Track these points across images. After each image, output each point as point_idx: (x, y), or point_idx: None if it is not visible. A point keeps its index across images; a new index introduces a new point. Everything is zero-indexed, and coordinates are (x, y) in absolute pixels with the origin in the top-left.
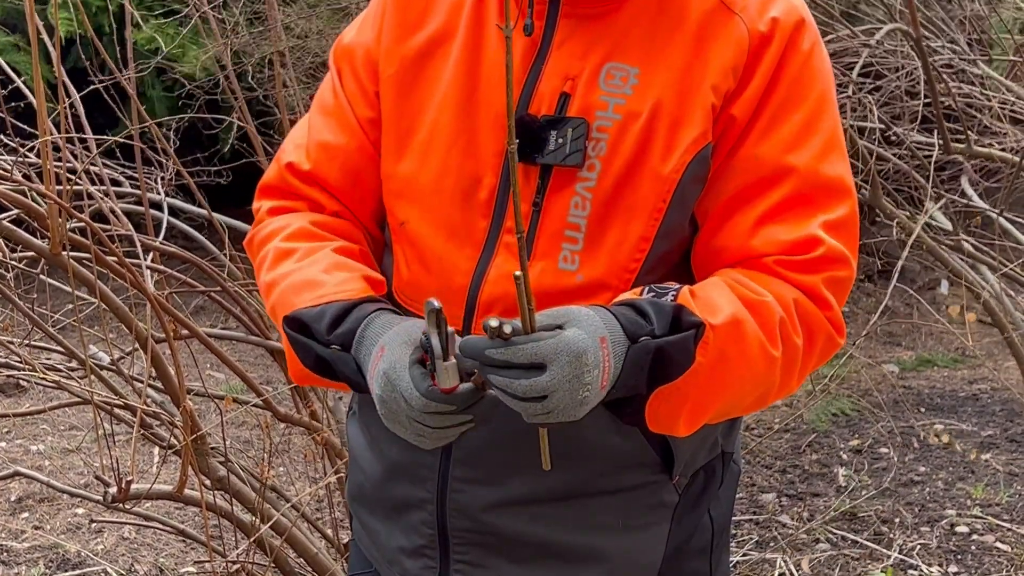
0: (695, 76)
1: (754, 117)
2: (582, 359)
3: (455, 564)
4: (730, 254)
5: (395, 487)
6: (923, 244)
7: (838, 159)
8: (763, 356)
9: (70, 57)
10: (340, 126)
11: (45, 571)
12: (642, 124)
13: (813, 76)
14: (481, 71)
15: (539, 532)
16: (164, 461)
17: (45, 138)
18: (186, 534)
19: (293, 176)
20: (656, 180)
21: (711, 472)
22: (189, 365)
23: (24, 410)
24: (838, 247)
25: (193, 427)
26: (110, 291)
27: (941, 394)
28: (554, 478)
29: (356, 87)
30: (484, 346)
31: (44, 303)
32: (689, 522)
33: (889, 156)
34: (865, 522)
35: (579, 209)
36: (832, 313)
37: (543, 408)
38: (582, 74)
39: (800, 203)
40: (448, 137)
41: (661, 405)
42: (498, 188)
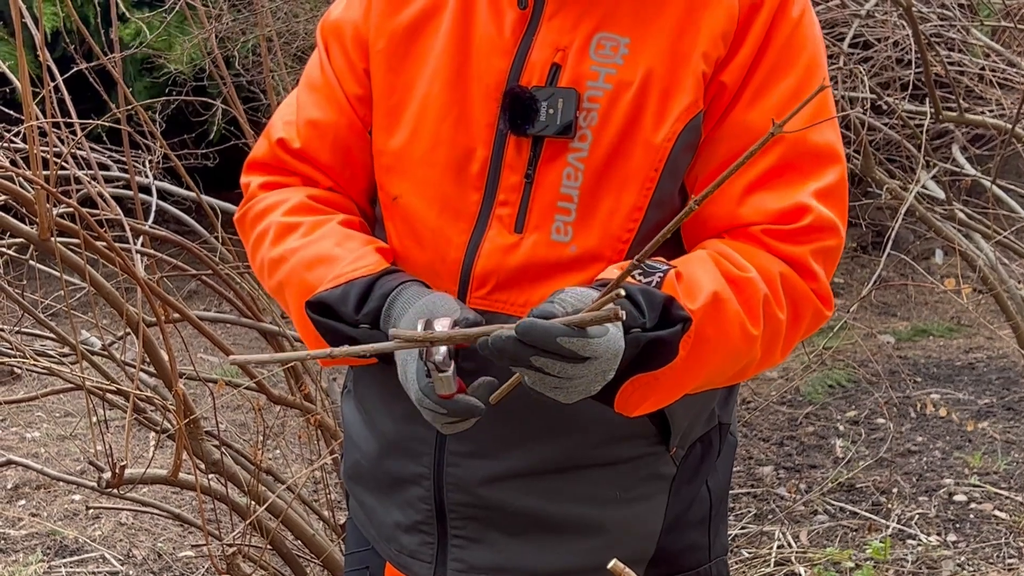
0: (686, 44)
1: (744, 84)
2: (616, 359)
3: (452, 539)
4: (718, 222)
5: (391, 463)
6: (915, 213)
7: (827, 126)
8: (742, 335)
9: (57, 48)
10: (328, 103)
11: (43, 558)
12: (633, 93)
13: (803, 43)
14: (472, 44)
15: (536, 505)
16: (159, 446)
17: (31, 123)
18: (182, 518)
19: (284, 152)
20: (648, 149)
21: (708, 443)
22: (182, 349)
23: (15, 398)
24: (827, 215)
25: (186, 411)
26: (100, 276)
27: (937, 363)
28: (551, 450)
29: (344, 63)
30: (558, 333)
31: (34, 289)
32: (687, 493)
33: (880, 126)
34: (863, 493)
35: (571, 180)
36: (818, 285)
37: (557, 385)
38: (572, 45)
39: (789, 170)
40: (440, 110)
41: (634, 392)
42: (490, 160)
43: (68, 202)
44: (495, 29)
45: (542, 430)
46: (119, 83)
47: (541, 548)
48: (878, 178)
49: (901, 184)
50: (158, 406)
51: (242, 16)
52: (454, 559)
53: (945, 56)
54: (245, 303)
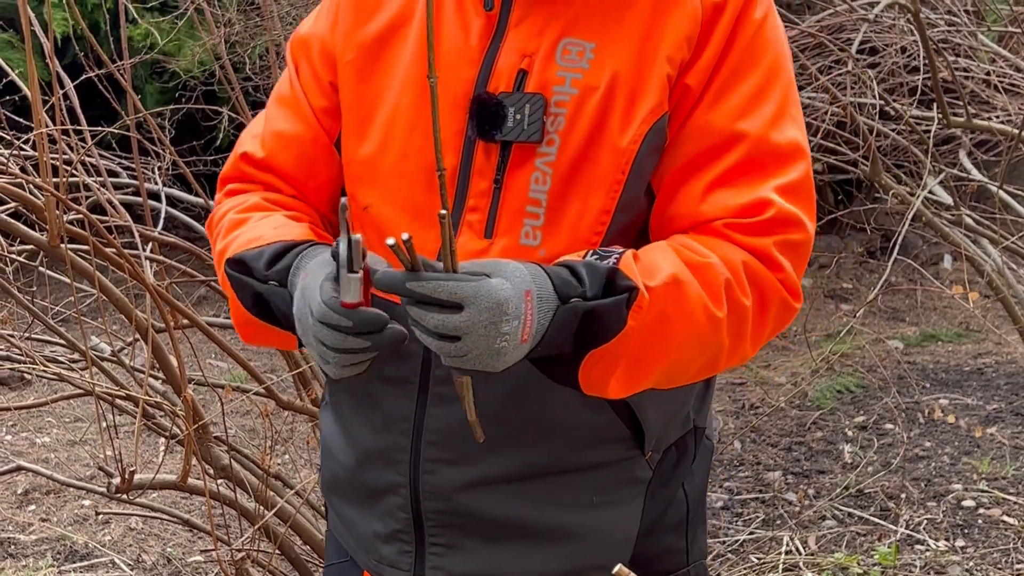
0: (650, 48)
1: (707, 85)
2: (502, 307)
3: (430, 547)
4: (682, 221)
5: (368, 473)
6: (923, 218)
7: (790, 125)
8: (706, 316)
9: (67, 55)
10: (295, 116)
11: (53, 563)
12: (600, 97)
13: (765, 45)
14: (439, 53)
15: (513, 511)
16: (168, 451)
17: (40, 130)
18: (191, 524)
19: (248, 165)
20: (615, 152)
21: (683, 447)
22: (191, 355)
23: (26, 403)
24: (791, 209)
25: (195, 416)
26: (110, 283)
27: (946, 369)
28: (527, 456)
29: (311, 77)
30: (403, 278)
31: (44, 296)
32: (663, 497)
33: (887, 131)
34: (871, 498)
35: (539, 184)
36: (785, 275)
37: (457, 350)
38: (539, 50)
39: (751, 169)
40: (408, 120)
41: (594, 367)
42: (459, 168)
43: (78, 209)
44: (462, 38)
45: (518, 436)
46: (128, 91)
47: (518, 554)
48: (885, 183)
49: (909, 189)
50: (167, 412)
51: (251, 21)
52: (432, 567)
53: (952, 62)
54: None
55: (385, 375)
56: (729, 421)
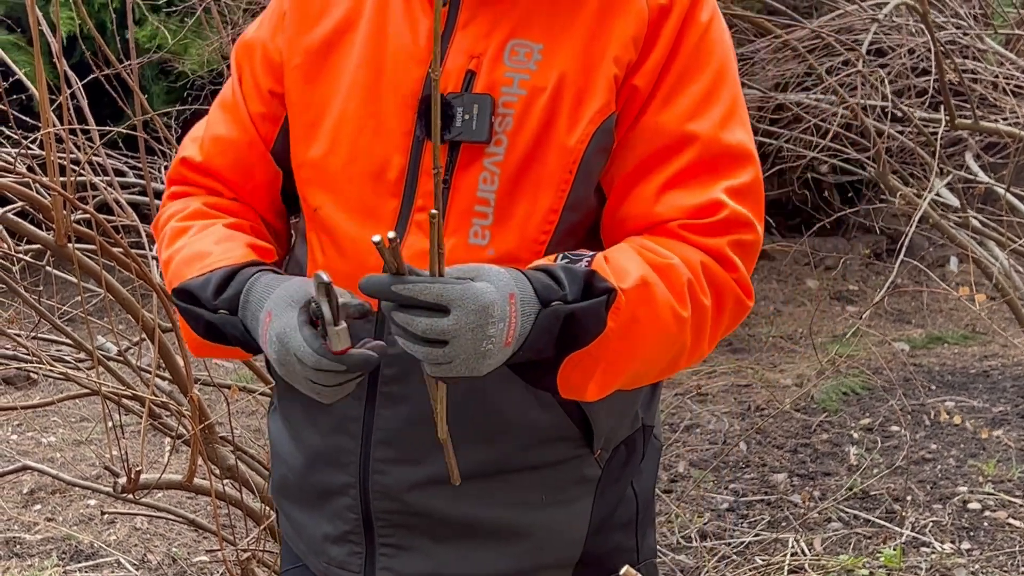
0: (598, 49)
1: (656, 87)
2: (488, 310)
3: (380, 547)
4: (636, 222)
5: (318, 474)
6: (930, 220)
7: (739, 127)
8: (674, 317)
9: (73, 54)
10: (234, 121)
11: (58, 563)
12: (547, 98)
13: (712, 47)
14: (386, 54)
15: (463, 510)
16: (174, 451)
17: (48, 129)
18: (196, 523)
19: (188, 169)
20: (562, 152)
21: (632, 446)
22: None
23: (32, 403)
24: (742, 211)
25: (201, 416)
26: (116, 282)
27: (952, 371)
28: (477, 455)
29: (252, 83)
30: (389, 282)
31: (51, 295)
32: (612, 496)
33: (894, 133)
34: (877, 500)
35: (488, 184)
36: (739, 275)
37: (444, 355)
38: (487, 52)
39: (703, 170)
40: (357, 122)
41: (573, 371)
42: (407, 168)
43: (85, 208)
44: (409, 39)
45: (468, 435)
46: (135, 91)
47: (469, 554)
48: (892, 185)
49: (916, 191)
50: (173, 412)
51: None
52: (382, 568)
53: (959, 64)
54: None
55: None
56: (735, 423)
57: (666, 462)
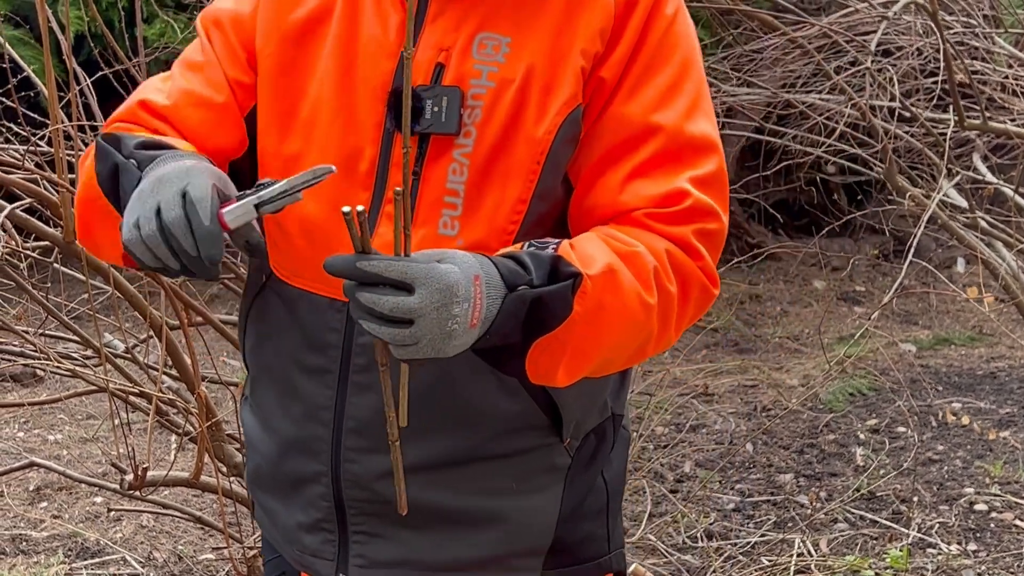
0: (565, 42)
1: (622, 79)
2: (452, 289)
3: (353, 535)
4: (601, 211)
5: (290, 463)
6: (938, 221)
7: (703, 119)
8: (640, 304)
9: (81, 52)
10: (208, 82)
11: (64, 560)
12: (515, 89)
13: (677, 40)
14: (358, 46)
15: (434, 498)
16: (180, 448)
17: (56, 126)
18: (203, 521)
19: (145, 111)
20: (530, 143)
21: (601, 434)
22: (203, 353)
23: (40, 399)
24: (706, 200)
25: (209, 414)
26: (124, 279)
27: (959, 372)
28: (447, 443)
29: (226, 50)
30: (355, 259)
31: (58, 292)
32: (582, 484)
33: (902, 133)
34: (883, 501)
35: (457, 175)
36: (704, 263)
37: (411, 336)
38: (455, 45)
39: (667, 160)
40: (328, 113)
41: (541, 355)
42: (378, 160)
43: None
44: (380, 31)
45: (438, 423)
46: None
47: (441, 541)
48: (900, 186)
49: (924, 192)
50: (180, 409)
51: None
52: (355, 555)
53: (968, 65)
54: None
55: (305, 365)
56: (741, 423)
57: (672, 462)
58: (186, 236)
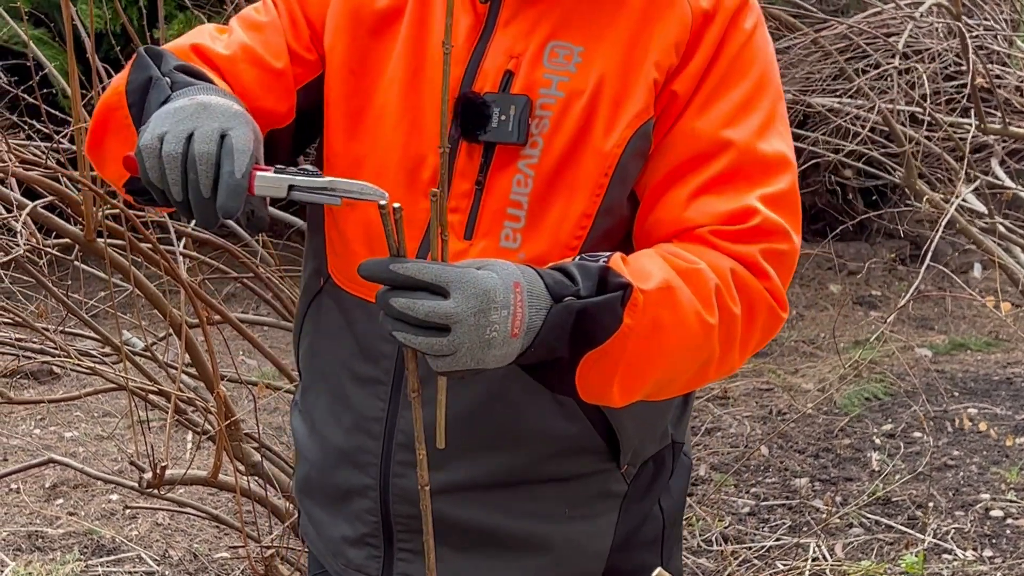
0: (638, 53)
1: (695, 93)
2: (490, 294)
3: (399, 552)
4: (666, 227)
5: (338, 474)
6: (956, 225)
7: (777, 137)
8: (699, 323)
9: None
10: (267, 45)
11: (80, 557)
12: (585, 101)
13: (754, 55)
14: (427, 49)
15: (483, 518)
16: (198, 447)
17: (79, 124)
18: (220, 520)
19: (197, 55)
20: (598, 156)
21: (661, 462)
22: (222, 351)
23: (58, 396)
24: (776, 219)
25: (227, 413)
26: (144, 278)
27: (975, 378)
28: (498, 463)
29: (290, 20)
30: (388, 261)
31: (78, 290)
32: (638, 512)
33: (921, 138)
34: (899, 506)
35: (521, 187)
36: (771, 284)
37: (448, 345)
38: (526, 52)
39: (737, 177)
40: (394, 118)
41: (591, 371)
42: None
43: (115, 203)
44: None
45: (489, 442)
46: None
47: (488, 563)
48: (919, 190)
49: (943, 196)
50: (199, 407)
51: None
52: (400, 573)
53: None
54: (285, 306)
55: (358, 374)
56: (756, 427)
57: None
58: (207, 176)
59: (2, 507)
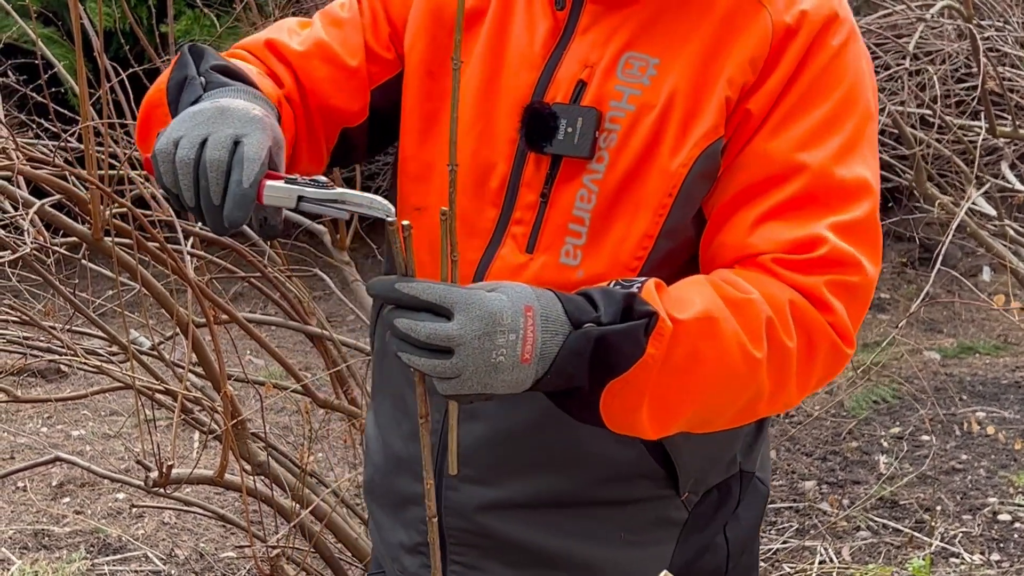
0: (714, 69)
1: (770, 112)
2: (495, 317)
3: (451, 564)
4: (729, 251)
5: (398, 481)
6: (967, 229)
7: (859, 161)
8: (742, 356)
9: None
10: (344, 42)
11: (86, 555)
12: (655, 117)
13: (840, 74)
14: (505, 56)
15: (534, 538)
16: (204, 446)
17: (87, 123)
18: (226, 519)
19: (270, 51)
20: (663, 175)
21: (727, 491)
22: (228, 351)
23: (65, 395)
24: (846, 249)
25: (234, 412)
26: (151, 276)
27: (983, 381)
28: (551, 483)
29: (372, 17)
30: (394, 280)
31: (85, 288)
32: (697, 541)
33: (932, 141)
34: (906, 510)
35: (584, 202)
36: (835, 318)
37: (452, 367)
38: (600, 62)
39: (808, 202)
40: (467, 123)
41: (614, 401)
42: (509, 176)
43: (122, 202)
44: (527, 41)
45: (542, 461)
46: None
47: None
48: (929, 193)
49: (953, 199)
50: (206, 407)
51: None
52: None
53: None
54: (292, 305)
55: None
56: None
57: None
58: (218, 183)
59: (9, 505)
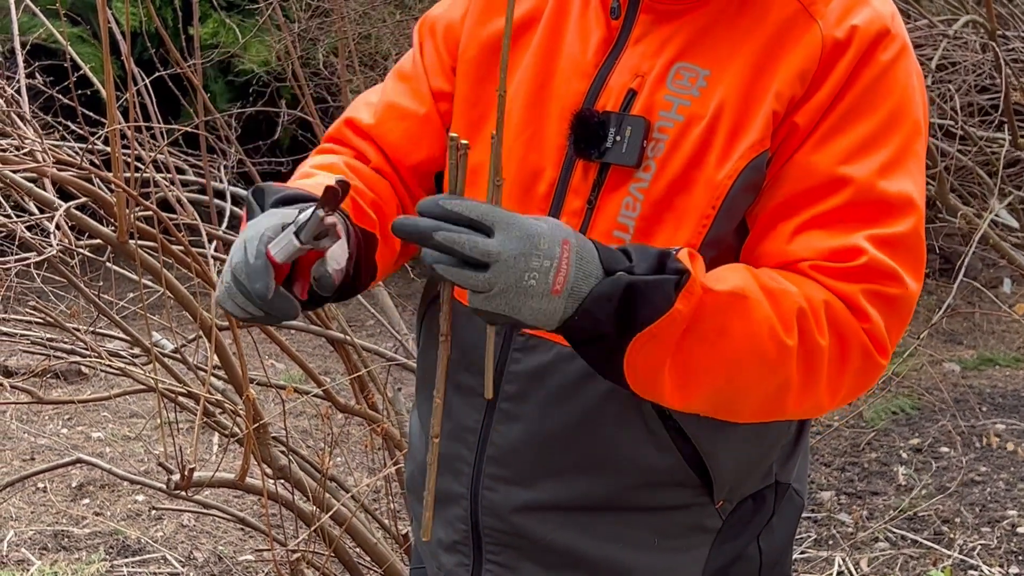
0: (763, 81)
1: (817, 125)
2: (534, 240)
3: (487, 563)
4: (769, 259)
5: (439, 479)
6: (989, 240)
7: (905, 177)
8: (772, 339)
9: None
10: (413, 93)
11: (105, 557)
12: (703, 128)
13: (890, 88)
14: (557, 63)
15: (569, 540)
16: (225, 450)
17: (113, 126)
18: (246, 522)
19: (350, 129)
20: (708, 186)
21: (761, 500)
22: (251, 354)
23: (87, 397)
24: (886, 261)
25: (255, 416)
26: (175, 279)
27: (1003, 393)
28: (585, 486)
29: (435, 58)
30: (440, 197)
31: (108, 290)
32: (731, 550)
33: (955, 152)
34: (925, 522)
35: (630, 210)
36: (872, 327)
37: (485, 281)
38: (651, 72)
39: (850, 215)
40: (516, 128)
41: (639, 355)
42: (557, 182)
43: (147, 205)
44: (579, 49)
45: (578, 465)
46: (199, 91)
47: None
48: (952, 204)
49: (975, 211)
50: (228, 410)
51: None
52: None
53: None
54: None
55: (459, 383)
56: None
57: None
58: (240, 280)
59: (29, 506)
